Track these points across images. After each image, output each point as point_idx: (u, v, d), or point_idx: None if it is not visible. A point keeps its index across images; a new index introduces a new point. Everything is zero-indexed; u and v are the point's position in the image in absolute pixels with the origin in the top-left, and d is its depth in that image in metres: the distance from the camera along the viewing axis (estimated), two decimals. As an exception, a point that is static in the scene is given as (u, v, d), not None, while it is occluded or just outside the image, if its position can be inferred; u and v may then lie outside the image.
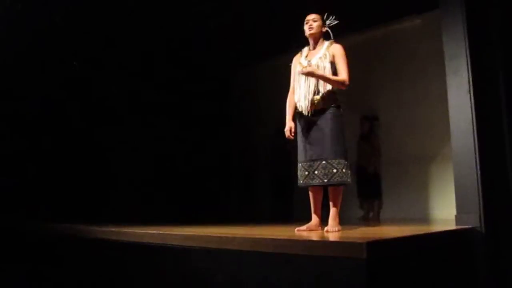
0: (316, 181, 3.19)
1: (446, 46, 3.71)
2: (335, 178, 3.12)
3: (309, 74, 3.18)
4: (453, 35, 3.66)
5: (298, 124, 3.36)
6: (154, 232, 3.39)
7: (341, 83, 3.19)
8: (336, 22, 3.38)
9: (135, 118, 7.08)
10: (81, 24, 6.11)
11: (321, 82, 3.22)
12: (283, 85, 3.57)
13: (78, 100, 6.49)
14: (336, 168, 3.12)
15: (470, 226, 3.32)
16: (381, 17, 6.33)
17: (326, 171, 3.14)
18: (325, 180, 3.15)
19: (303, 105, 3.27)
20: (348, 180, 3.17)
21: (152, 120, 7.24)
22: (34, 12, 5.71)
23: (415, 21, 6.39)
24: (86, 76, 6.57)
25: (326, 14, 3.42)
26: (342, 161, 3.15)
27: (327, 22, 3.40)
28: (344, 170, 3.13)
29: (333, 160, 3.14)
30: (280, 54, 6.62)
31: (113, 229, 3.84)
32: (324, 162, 3.15)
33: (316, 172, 3.18)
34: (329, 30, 3.40)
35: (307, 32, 3.39)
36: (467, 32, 3.58)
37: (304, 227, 3.25)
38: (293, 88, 3.42)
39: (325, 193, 3.38)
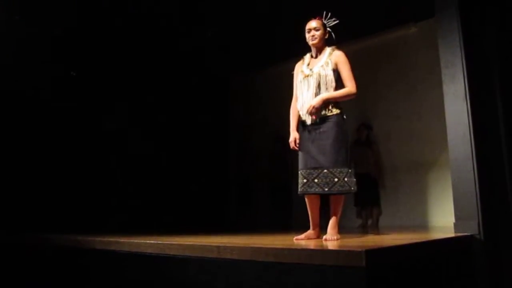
0: (315, 189, 3.16)
1: (442, 54, 3.73)
2: (335, 187, 3.11)
3: (318, 106, 3.15)
4: (449, 43, 3.69)
5: (301, 132, 3.34)
6: (153, 242, 3.37)
7: (350, 95, 3.19)
8: (336, 22, 3.36)
9: (132, 126, 7.07)
10: (79, 30, 6.13)
11: (323, 90, 3.20)
12: (283, 93, 3.58)
13: (74, 108, 6.48)
14: (337, 177, 3.10)
15: (468, 233, 3.32)
16: (377, 25, 6.37)
17: (328, 180, 3.11)
18: (326, 189, 3.12)
19: (305, 114, 3.26)
20: (352, 188, 3.15)
21: (149, 128, 7.24)
22: (32, 23, 5.75)
23: (412, 29, 6.43)
24: (83, 82, 6.57)
25: (324, 13, 3.39)
26: (345, 169, 3.12)
27: (327, 24, 3.38)
28: (346, 179, 3.11)
29: (335, 169, 3.12)
30: (279, 62, 6.68)
31: (110, 239, 3.82)
32: (325, 170, 3.12)
33: (316, 180, 3.15)
34: (332, 32, 3.38)
35: (309, 42, 3.35)
36: (463, 40, 3.60)
37: (302, 236, 3.25)
38: (296, 96, 3.41)
39: (324, 201, 3.38)
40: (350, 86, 3.19)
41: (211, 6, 6.02)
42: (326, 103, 3.19)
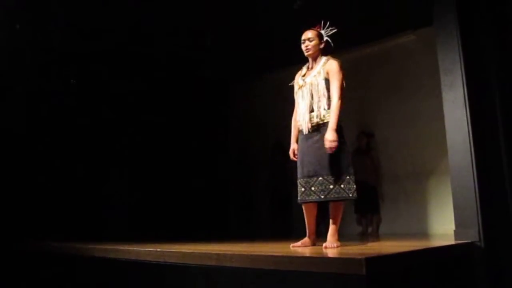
0: (313, 197, 3.18)
1: (441, 61, 3.75)
2: (331, 194, 3.12)
3: (334, 138, 3.06)
4: (447, 50, 3.70)
5: (299, 141, 3.37)
6: (152, 249, 3.36)
7: (340, 108, 3.15)
8: (334, 30, 3.37)
9: (132, 133, 7.07)
10: (77, 36, 6.13)
11: (315, 100, 3.23)
12: (282, 101, 3.59)
13: (72, 116, 6.48)
14: (333, 184, 3.12)
15: (469, 241, 3.31)
16: (376, 33, 6.39)
17: (323, 187, 3.14)
18: (322, 196, 3.14)
19: (302, 124, 3.29)
20: (350, 195, 3.14)
21: (150, 135, 7.24)
22: (32, 32, 5.77)
23: (410, 37, 6.45)
24: (80, 91, 6.58)
25: (322, 23, 3.41)
26: (342, 176, 3.13)
27: (324, 33, 3.38)
28: (342, 186, 3.12)
29: (330, 176, 3.13)
30: (279, 69, 6.68)
31: (110, 247, 3.81)
32: (321, 178, 3.15)
33: (313, 188, 3.17)
34: (329, 40, 3.38)
35: (304, 52, 3.38)
36: (462, 47, 3.62)
37: (299, 243, 3.28)
38: (296, 107, 3.44)
39: (324, 209, 3.38)
40: (335, 99, 3.15)
41: (211, 12, 6.04)
42: (319, 112, 3.21)
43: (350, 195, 3.15)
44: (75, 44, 6.18)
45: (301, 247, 3.22)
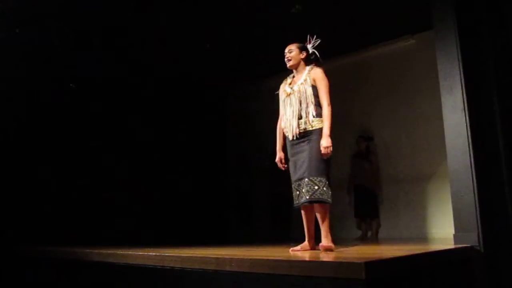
0: (303, 199, 3.24)
1: (440, 65, 3.75)
2: (316, 195, 3.17)
3: (329, 144, 3.17)
4: (447, 54, 3.71)
5: (287, 147, 3.44)
6: (151, 254, 3.36)
7: (332, 113, 3.25)
8: (318, 41, 3.49)
9: (132, 139, 7.07)
10: (77, 36, 6.14)
11: (304, 106, 3.31)
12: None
13: (73, 121, 6.48)
14: (317, 185, 3.18)
15: (468, 245, 3.31)
16: (376, 38, 6.40)
17: (309, 188, 3.20)
18: (307, 197, 3.20)
19: (289, 130, 3.37)
20: (328, 199, 3.18)
21: (149, 142, 7.24)
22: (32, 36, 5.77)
23: (410, 41, 6.47)
24: (80, 96, 6.57)
25: (308, 37, 3.52)
26: (324, 179, 3.19)
27: (309, 46, 3.51)
28: (325, 189, 3.18)
29: (315, 178, 3.19)
30: (276, 75, 6.67)
31: (109, 252, 3.80)
32: (307, 179, 3.21)
33: (303, 190, 3.24)
34: (316, 52, 3.49)
35: (286, 64, 3.51)
36: (461, 51, 3.63)
37: (298, 247, 3.31)
38: (282, 115, 3.51)
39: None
40: (325, 105, 3.27)
41: (212, 16, 6.04)
42: (307, 119, 3.28)
43: (329, 199, 3.20)
44: (75, 44, 6.18)
45: (300, 251, 3.25)
